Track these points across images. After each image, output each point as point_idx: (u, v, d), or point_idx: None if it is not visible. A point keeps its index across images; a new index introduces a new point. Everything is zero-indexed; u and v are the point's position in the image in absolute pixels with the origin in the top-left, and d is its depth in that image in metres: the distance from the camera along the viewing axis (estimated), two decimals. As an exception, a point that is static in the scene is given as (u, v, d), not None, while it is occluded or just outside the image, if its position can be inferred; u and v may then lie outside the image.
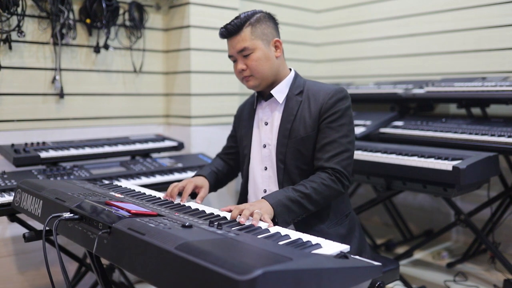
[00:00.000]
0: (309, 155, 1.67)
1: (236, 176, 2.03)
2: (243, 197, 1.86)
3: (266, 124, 1.76)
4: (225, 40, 1.72)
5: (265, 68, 1.68)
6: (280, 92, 1.73)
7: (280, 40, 1.72)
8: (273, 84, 1.74)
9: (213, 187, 1.88)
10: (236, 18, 1.67)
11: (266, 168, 1.75)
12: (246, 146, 1.82)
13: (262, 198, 1.51)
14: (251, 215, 1.37)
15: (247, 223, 1.34)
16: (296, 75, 1.78)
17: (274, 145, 1.71)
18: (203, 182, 1.79)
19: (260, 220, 1.37)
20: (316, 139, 1.65)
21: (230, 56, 1.72)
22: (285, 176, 1.69)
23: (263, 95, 1.79)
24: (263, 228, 1.30)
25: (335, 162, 1.60)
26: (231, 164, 1.97)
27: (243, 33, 1.65)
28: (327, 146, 1.62)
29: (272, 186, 1.73)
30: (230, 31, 1.66)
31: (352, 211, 1.78)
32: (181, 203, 1.60)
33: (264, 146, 1.75)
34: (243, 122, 1.87)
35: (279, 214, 1.47)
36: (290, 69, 1.79)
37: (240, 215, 1.37)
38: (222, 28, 1.69)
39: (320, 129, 1.64)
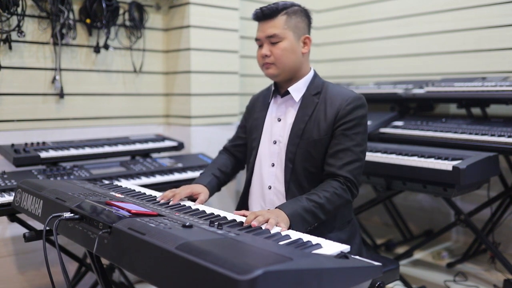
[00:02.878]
0: (319, 158, 1.64)
1: (242, 169, 1.98)
2: (246, 190, 1.83)
3: (279, 120, 1.73)
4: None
5: (289, 60, 1.65)
6: (297, 91, 1.70)
7: (310, 38, 1.70)
8: (292, 79, 1.71)
9: (216, 190, 1.83)
10: (274, 3, 1.64)
11: (273, 165, 1.72)
12: (255, 138, 1.79)
13: (276, 207, 1.47)
14: (266, 221, 1.32)
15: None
16: (315, 75, 1.74)
17: (285, 143, 1.68)
18: (202, 188, 1.71)
19: (276, 226, 1.33)
20: (329, 144, 1.63)
21: (257, 40, 1.70)
22: (292, 177, 1.67)
23: (280, 90, 1.76)
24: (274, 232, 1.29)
25: (347, 170, 1.58)
26: (238, 156, 1.93)
27: (277, 19, 1.63)
28: (340, 153, 1.59)
29: (278, 183, 1.71)
30: (265, 14, 1.64)
31: (354, 217, 1.77)
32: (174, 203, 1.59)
33: (275, 142, 1.72)
34: (255, 113, 1.83)
35: (295, 224, 1.43)
36: (310, 68, 1.76)
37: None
38: (257, 9, 1.66)
39: (334, 135, 1.62)
